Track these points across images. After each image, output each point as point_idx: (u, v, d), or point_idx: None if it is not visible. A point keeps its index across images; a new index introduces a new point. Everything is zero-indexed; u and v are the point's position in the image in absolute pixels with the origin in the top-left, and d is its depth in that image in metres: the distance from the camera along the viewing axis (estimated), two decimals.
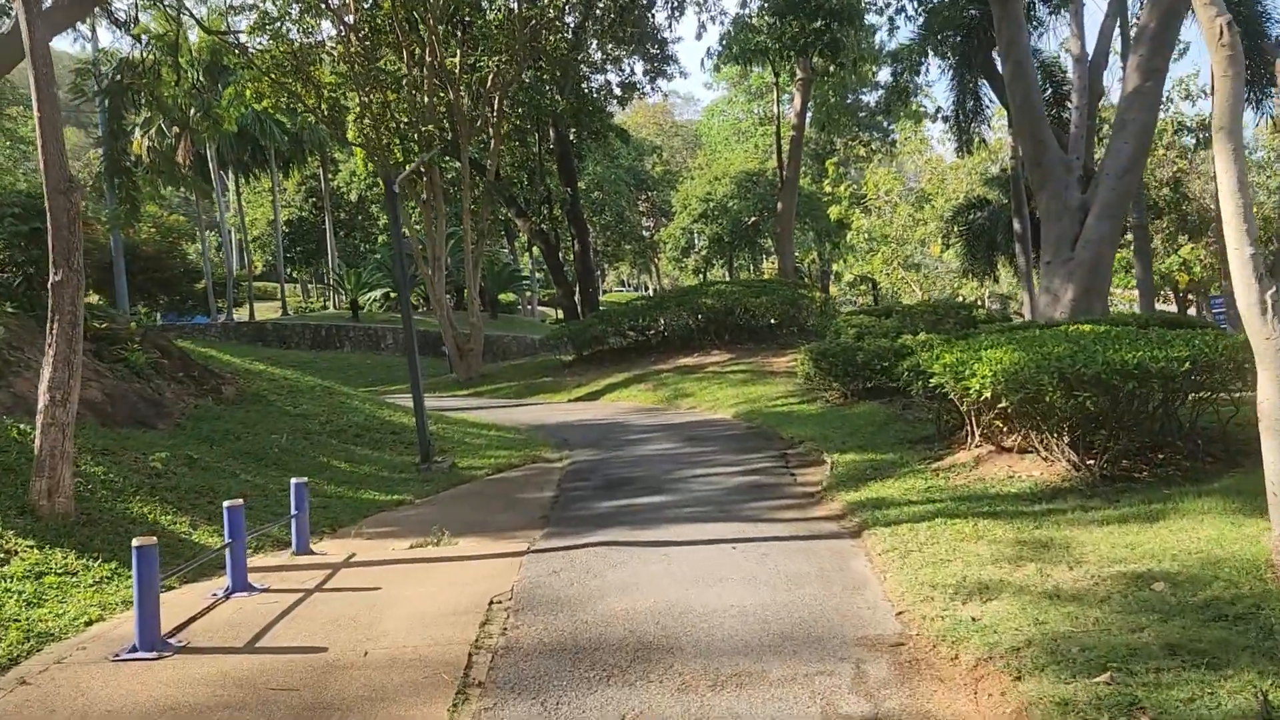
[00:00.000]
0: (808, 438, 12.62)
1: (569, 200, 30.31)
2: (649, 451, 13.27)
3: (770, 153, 58.65)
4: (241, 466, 10.93)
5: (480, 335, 26.87)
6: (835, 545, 7.45)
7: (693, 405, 18.55)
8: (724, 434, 14.41)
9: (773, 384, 18.78)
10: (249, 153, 45.70)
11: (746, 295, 23.79)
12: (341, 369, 36.75)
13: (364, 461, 12.64)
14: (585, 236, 32.18)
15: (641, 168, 64.33)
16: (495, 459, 13.37)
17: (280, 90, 27.98)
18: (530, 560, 7.58)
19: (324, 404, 14.76)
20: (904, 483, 9.11)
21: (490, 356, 41.76)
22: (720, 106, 64.54)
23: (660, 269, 77.12)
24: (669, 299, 25.19)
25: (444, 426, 15.56)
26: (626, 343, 26.39)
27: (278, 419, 13.32)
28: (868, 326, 17.20)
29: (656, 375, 22.07)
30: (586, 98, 29.40)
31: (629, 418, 17.54)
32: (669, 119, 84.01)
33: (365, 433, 13.97)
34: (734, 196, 52.08)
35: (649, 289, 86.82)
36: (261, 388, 14.46)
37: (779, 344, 23.41)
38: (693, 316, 24.31)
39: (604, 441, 14.58)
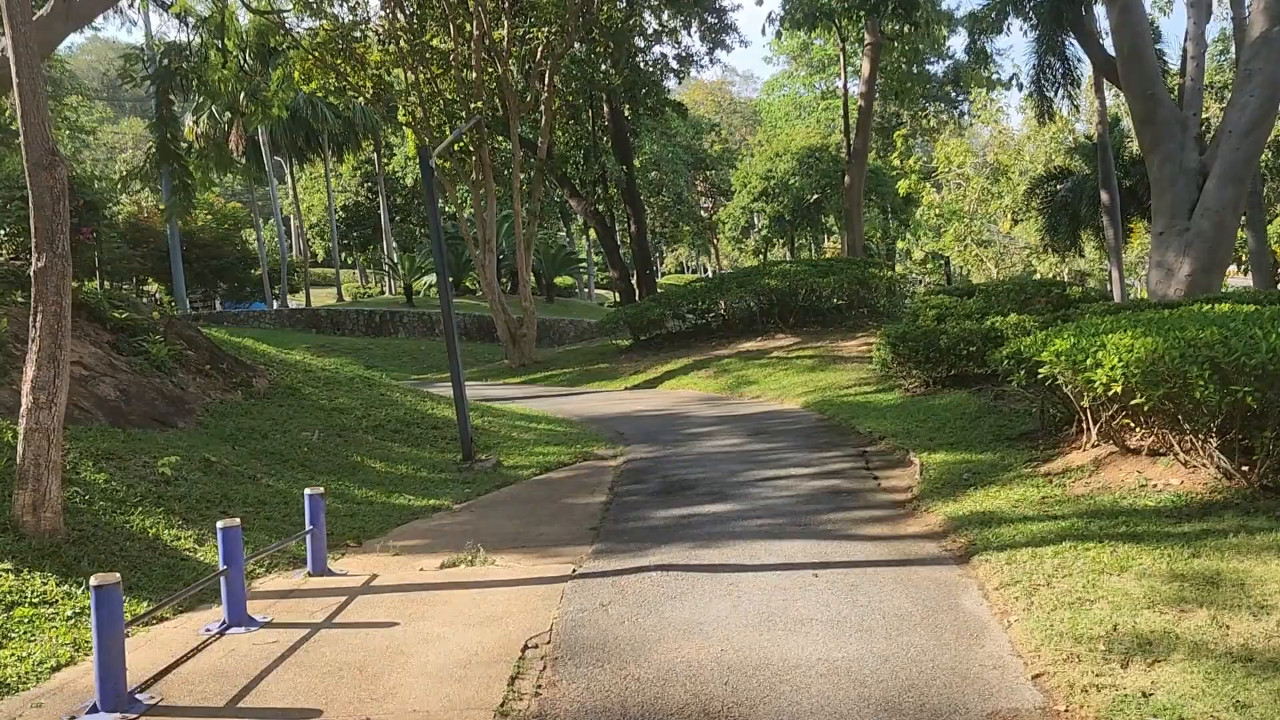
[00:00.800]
0: (889, 433, 11.30)
1: (624, 179, 29.10)
2: (711, 448, 12.06)
3: (833, 127, 56.75)
4: (265, 469, 9.99)
5: (533, 320, 25.88)
6: (939, 574, 6.18)
7: (757, 394, 17.29)
8: (793, 427, 13.14)
9: (843, 370, 17.42)
10: (303, 138, 45.24)
11: (812, 275, 22.39)
12: (395, 355, 36.14)
13: (401, 460, 11.65)
14: (641, 216, 30.96)
15: (699, 146, 62.80)
16: (543, 457, 12.29)
17: (328, 71, 27.25)
18: (574, 588, 6.45)
19: (362, 397, 13.82)
20: (1012, 491, 7.78)
21: (546, 341, 40.90)
22: (780, 81, 62.65)
23: (719, 250, 75.62)
24: (730, 280, 23.89)
25: (490, 420, 14.53)
26: (685, 326, 25.17)
27: (310, 414, 12.40)
28: (948, 307, 15.72)
29: (718, 361, 20.83)
30: (642, 72, 28.10)
31: (689, 408, 16.35)
32: (726, 96, 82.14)
33: (405, 428, 12.99)
34: (796, 173, 50.35)
35: (707, 271, 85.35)
36: (296, 380, 13.56)
37: (847, 327, 22.00)
38: (755, 298, 22.99)
39: (662, 436, 13.41)
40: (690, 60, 32.51)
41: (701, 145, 64.24)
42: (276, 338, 38.05)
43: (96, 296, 11.80)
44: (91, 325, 11.45)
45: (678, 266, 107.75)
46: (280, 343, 37.48)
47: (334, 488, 9.98)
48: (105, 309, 11.68)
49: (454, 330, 12.14)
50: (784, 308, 22.97)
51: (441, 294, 11.93)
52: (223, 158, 34.47)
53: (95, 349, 10.76)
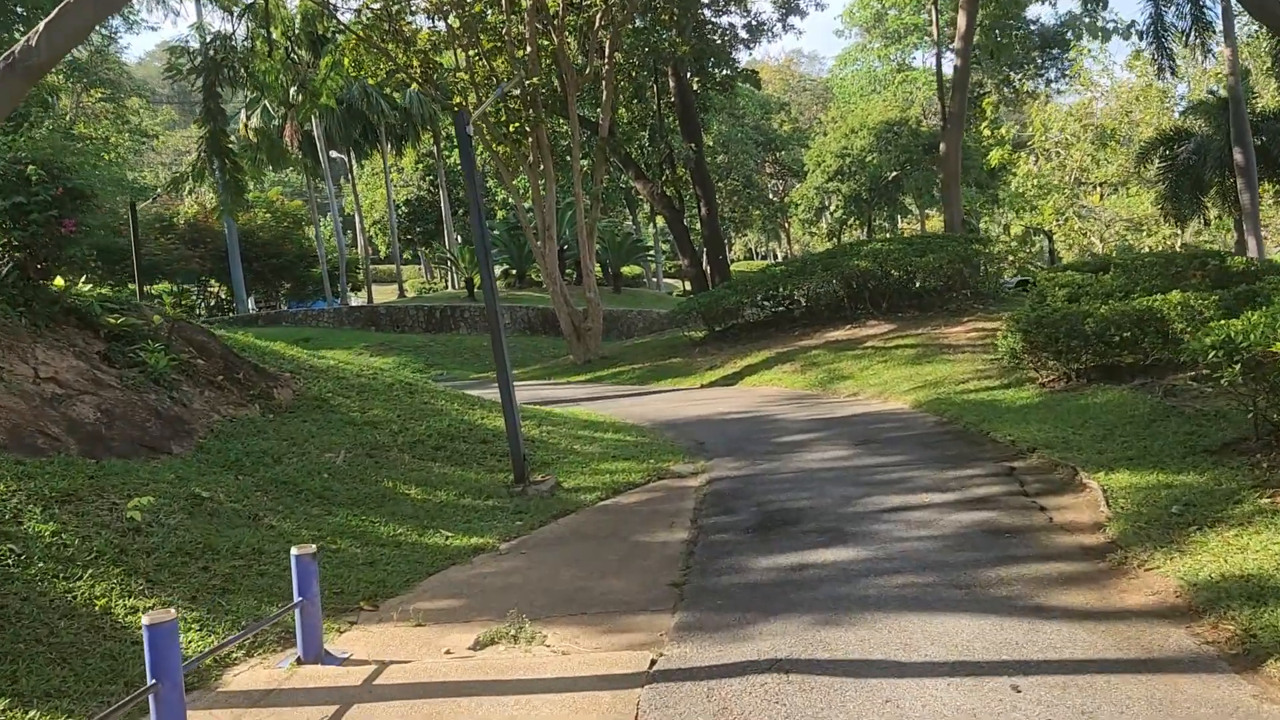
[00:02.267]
0: (1039, 443, 9.06)
1: (693, 158, 26.97)
2: (813, 462, 9.95)
3: (912, 100, 53.77)
4: (271, 503, 8.19)
5: (599, 312, 23.95)
6: (1218, 694, 4.01)
7: (854, 391, 15.07)
8: (909, 434, 10.94)
9: (954, 362, 15.11)
10: (360, 131, 44.02)
11: (908, 254, 20.03)
12: (456, 352, 34.65)
13: (442, 485, 9.77)
14: (713, 197, 28.81)
15: (768, 126, 60.27)
16: (610, 475, 10.32)
17: (378, 57, 25.68)
18: (653, 701, 4.44)
19: (401, 408, 12.00)
20: (1262, 535, 5.55)
21: (614, 334, 39.04)
22: (853, 55, 59.72)
23: (790, 234, 72.86)
24: (814, 262, 21.63)
25: (548, 431, 12.60)
26: (764, 315, 23.00)
27: (337, 430, 10.60)
28: (1081, 285, 13.34)
29: (804, 353, 18.64)
30: (709, 40, 25.92)
31: (777, 409, 14.23)
32: (795, 74, 79.18)
33: (448, 443, 11.12)
34: (873, 149, 47.63)
35: (777, 257, 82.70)
36: (325, 389, 11.79)
37: (949, 311, 19.60)
38: (843, 282, 20.71)
39: (749, 445, 11.34)
40: (761, 29, 30.19)
41: (770, 125, 61.71)
42: (333, 337, 36.89)
43: (87, 300, 10.15)
44: (81, 333, 9.80)
45: (746, 253, 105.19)
46: (338, 342, 36.28)
47: (355, 525, 8.16)
48: (97, 313, 10.03)
49: (500, 329, 10.23)
50: (875, 291, 20.66)
51: (485, 282, 10.04)
52: (274, 152, 33.27)
53: (78, 362, 9.07)
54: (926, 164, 47.05)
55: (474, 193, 10.02)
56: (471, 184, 10.07)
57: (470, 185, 10.09)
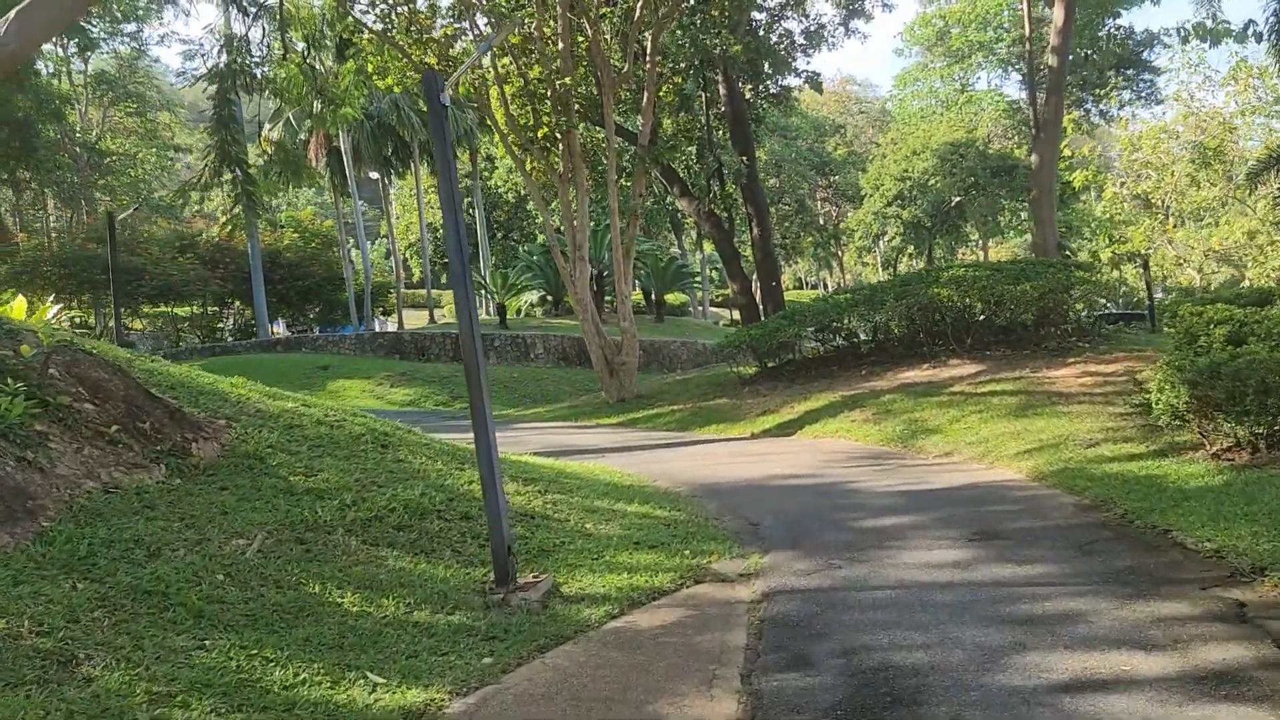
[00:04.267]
0: (1267, 557, 6.05)
1: (745, 172, 24.20)
2: (917, 570, 7.00)
3: (977, 122, 50.61)
4: (110, 634, 5.45)
5: (634, 344, 21.16)
6: None
7: (945, 450, 12.06)
8: (1043, 524, 7.94)
9: (1071, 415, 12.06)
10: (392, 148, 41.96)
11: (998, 282, 17.00)
12: None
13: (393, 586, 6.97)
14: (766, 218, 26.00)
15: (823, 148, 57.38)
16: (629, 574, 7.50)
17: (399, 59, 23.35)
18: None
19: (363, 468, 9.26)
20: None
21: (655, 366, 36.27)
22: (913, 74, 56.76)
23: (845, 263, 69.72)
24: (884, 290, 18.66)
25: (555, 500, 9.79)
26: (825, 350, 20.07)
27: (266, 502, 7.88)
28: (1245, 322, 10.26)
29: (875, 397, 15.66)
30: (764, 41, 23.21)
31: (849, 472, 11.28)
32: (850, 97, 76.23)
33: (416, 521, 8.32)
34: (936, 172, 44.55)
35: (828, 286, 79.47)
36: (265, 442, 9.09)
37: (1049, 350, 16.53)
38: (919, 314, 17.71)
39: (819, 530, 8.44)
40: (820, 36, 27.43)
41: (825, 148, 58.82)
42: (353, 365, 34.55)
43: None
44: None
45: (796, 282, 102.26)
46: (357, 371, 33.88)
47: (235, 668, 5.40)
48: None
49: (479, 363, 7.46)
50: (958, 325, 17.65)
51: (459, 299, 7.35)
52: (293, 166, 31.13)
53: None
54: (995, 188, 43.92)
55: (447, 176, 7.32)
56: (445, 165, 7.38)
57: (443, 167, 7.40)
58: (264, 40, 27.47)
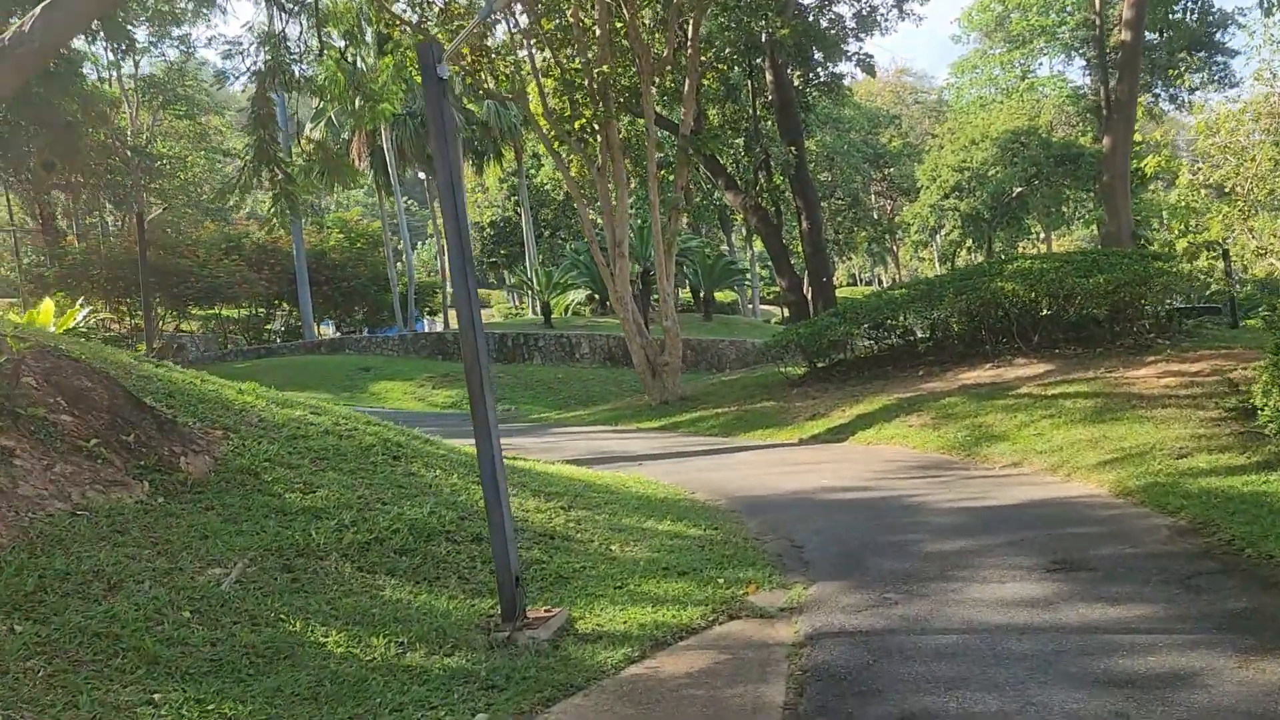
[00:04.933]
0: None
1: (793, 163, 23.15)
2: (988, 609, 6.01)
3: (1039, 109, 48.75)
4: (41, 688, 4.71)
5: (677, 344, 20.22)
6: None
7: (1014, 460, 10.96)
8: (1133, 551, 6.89)
9: (1157, 421, 10.88)
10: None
11: (1068, 274, 15.77)
12: (527, 385, 31.43)
13: (386, 622, 6.17)
14: (816, 211, 24.91)
15: (877, 141, 55.83)
16: (654, 607, 6.62)
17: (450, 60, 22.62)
18: None
19: (369, 483, 8.49)
20: None
21: (703, 365, 35.34)
22: (971, 61, 54.91)
23: (900, 258, 67.97)
24: (942, 285, 17.51)
25: (580, 516, 8.93)
26: (879, 349, 18.97)
27: (255, 523, 7.14)
28: None
29: (934, 400, 14.56)
30: (813, 25, 22.13)
31: (907, 485, 10.26)
32: (905, 87, 74.24)
33: (422, 544, 7.52)
34: (996, 162, 42.90)
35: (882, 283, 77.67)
36: (264, 455, 8.36)
37: (1125, 348, 15.27)
38: (981, 309, 16.55)
39: (872, 556, 7.46)
40: (873, 20, 26.21)
41: (879, 140, 57.24)
42: (395, 367, 34.09)
43: None
44: None
45: (849, 278, 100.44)
46: (399, 372, 33.40)
47: None
48: None
49: (483, 374, 6.63)
50: (1023, 322, 16.46)
51: (459, 301, 6.54)
52: (333, 165, 30.68)
53: None
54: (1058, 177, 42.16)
55: (445, 159, 6.50)
56: (442, 145, 6.56)
57: (440, 148, 6.59)
58: (301, 37, 27.05)
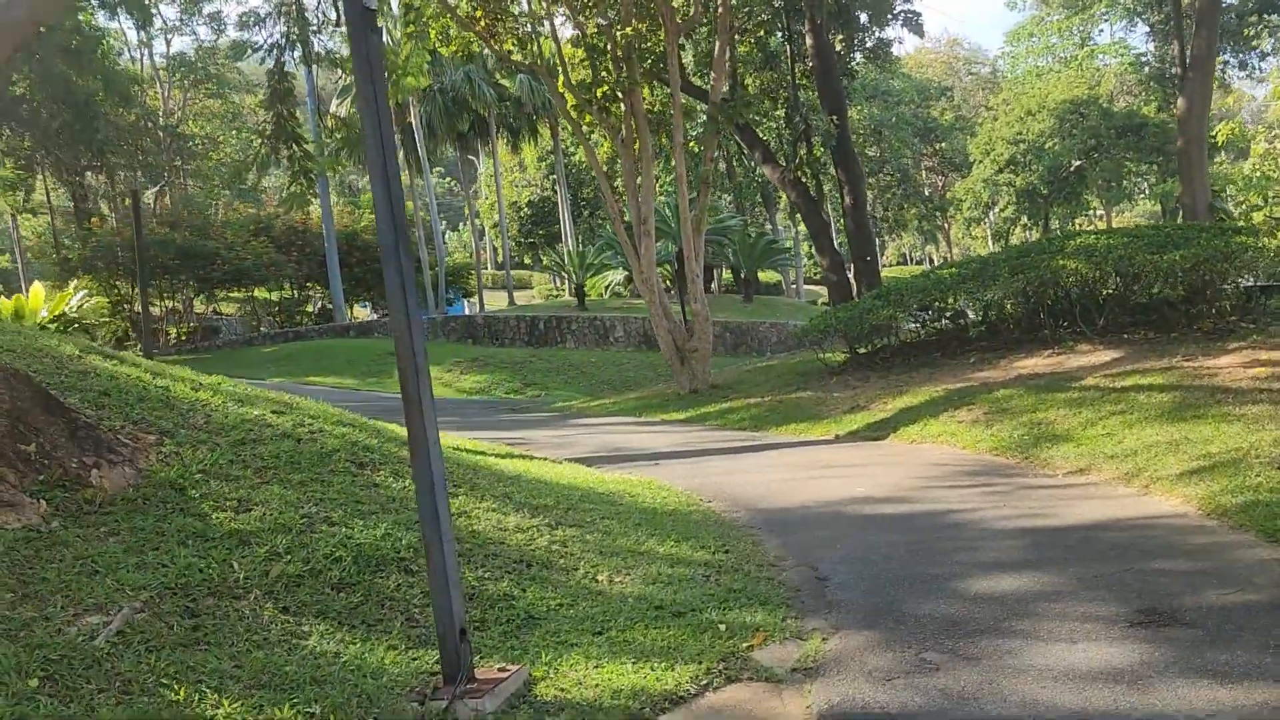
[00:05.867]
0: None
1: (835, 133, 21.62)
2: (1058, 686, 4.65)
3: (1099, 78, 46.33)
4: None
5: (706, 329, 18.86)
6: None
7: (1079, 465, 9.47)
8: (1245, 597, 5.47)
9: (1246, 418, 9.34)
10: (468, 123, 40.32)
11: (1139, 250, 14.15)
12: (559, 369, 30.30)
13: (300, 686, 4.95)
14: (859, 185, 23.32)
15: (927, 114, 53.61)
16: (633, 667, 5.35)
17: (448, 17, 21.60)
18: None
19: (316, 498, 7.30)
20: None
21: (743, 348, 34.01)
22: (1027, 29, 52.41)
23: (951, 236, 65.66)
24: (996, 264, 15.95)
25: (569, 535, 7.68)
26: (926, 334, 17.48)
27: (163, 553, 5.98)
28: None
29: (986, 392, 13.07)
30: None
31: (955, 498, 8.85)
32: (958, 58, 71.52)
33: (366, 575, 6.32)
34: (1054, 134, 40.73)
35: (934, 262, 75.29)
36: (200, 463, 7.20)
37: (1202, 332, 13.64)
38: (1042, 290, 14.98)
39: (910, 599, 6.11)
40: None
41: (930, 113, 55.01)
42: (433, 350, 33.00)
43: None
44: None
45: (900, 257, 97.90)
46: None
47: None
48: None
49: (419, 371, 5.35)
50: (1085, 303, 14.87)
51: (390, 284, 5.24)
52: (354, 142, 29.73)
53: None
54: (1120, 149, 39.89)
55: (373, 111, 5.22)
56: (370, 95, 5.28)
57: (368, 98, 5.30)
58: (319, 7, 25.94)
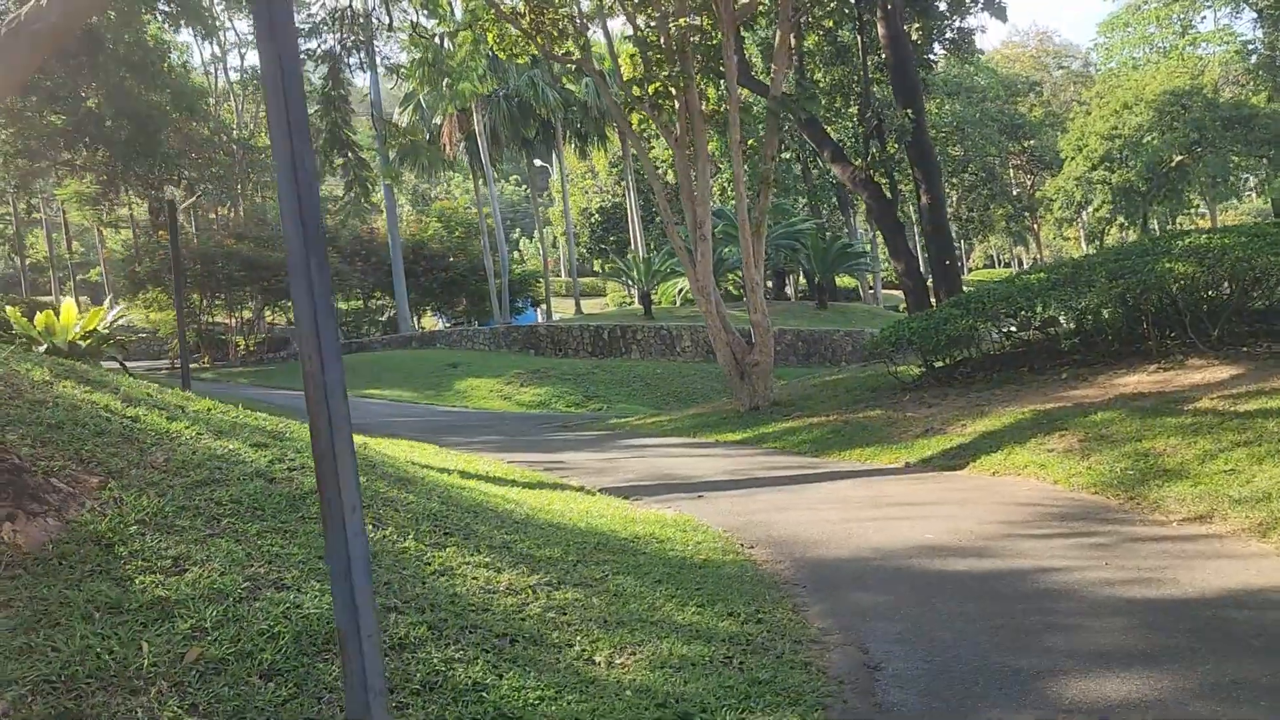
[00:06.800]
0: None
1: (910, 128, 20.02)
2: None
3: (1203, 67, 43.35)
4: None
5: (768, 341, 17.43)
6: None
7: (1198, 510, 7.86)
8: None
9: None
10: (535, 130, 39.54)
11: (1261, 251, 12.34)
12: (624, 381, 29.16)
13: None
14: (937, 181, 21.63)
15: (1014, 110, 51.02)
16: None
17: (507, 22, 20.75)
18: None
19: (270, 553, 6.18)
20: None
21: (815, 358, 32.44)
22: (1123, 18, 49.49)
23: (1041, 238, 62.68)
24: (1091, 267, 14.21)
25: (567, 601, 6.44)
26: (1010, 346, 15.81)
27: (57, 632, 4.91)
28: None
29: (1081, 414, 11.42)
30: None
31: (1044, 553, 7.35)
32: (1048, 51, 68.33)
33: (304, 659, 5.14)
34: (1152, 128, 38.10)
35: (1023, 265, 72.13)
36: (142, 511, 6.15)
37: None
38: (1145, 296, 13.24)
39: (988, 706, 4.70)
40: None
41: (1017, 109, 52.39)
42: (485, 362, 32.33)
43: None
44: None
45: (986, 260, 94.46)
46: (487, 368, 31.58)
47: None
48: None
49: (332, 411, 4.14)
50: (1196, 311, 13.08)
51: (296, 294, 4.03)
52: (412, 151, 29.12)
53: None
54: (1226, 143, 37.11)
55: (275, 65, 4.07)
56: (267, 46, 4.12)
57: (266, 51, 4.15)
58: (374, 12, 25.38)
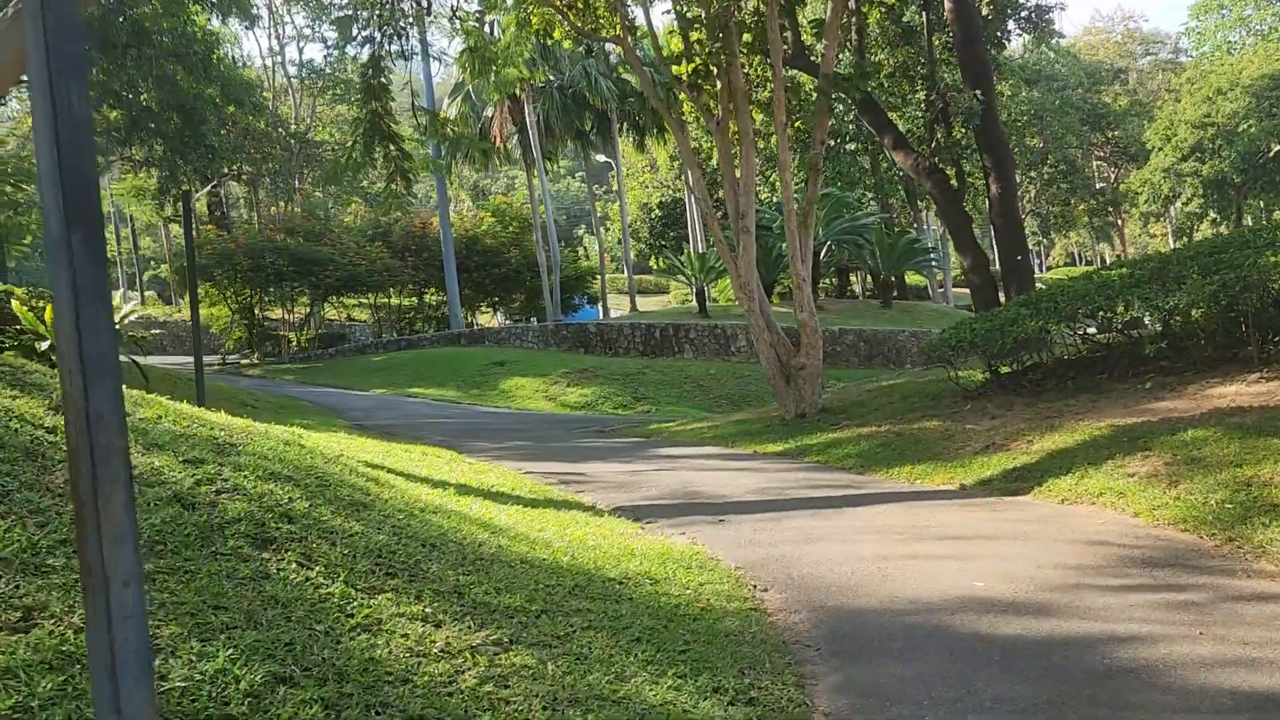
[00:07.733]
0: None
1: (979, 112, 18.41)
2: None
3: None
4: None
5: (816, 343, 16.02)
6: None
7: None
8: None
9: None
10: (591, 123, 38.51)
11: None
12: (675, 382, 27.95)
13: None
14: (1008, 172, 19.91)
15: (1097, 99, 48.35)
16: None
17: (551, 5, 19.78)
18: None
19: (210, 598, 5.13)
20: None
21: (880, 360, 30.82)
22: (1217, 1, 46.50)
23: (1126, 234, 59.62)
24: (1181, 261, 12.57)
25: (513, 667, 5.25)
26: (1085, 351, 14.18)
27: None
28: None
29: (1168, 432, 9.85)
30: None
31: (1122, 612, 5.94)
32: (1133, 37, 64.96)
33: None
34: (1249, 115, 35.46)
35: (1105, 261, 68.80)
36: (9, 548, 5.16)
37: None
38: (1244, 294, 11.57)
39: None
40: None
41: (1100, 98, 49.68)
42: (532, 360, 31.38)
43: None
44: None
45: (1067, 258, 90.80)
46: (534, 367, 30.59)
47: None
48: None
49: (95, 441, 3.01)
50: None
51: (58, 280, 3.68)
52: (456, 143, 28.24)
53: None
54: None
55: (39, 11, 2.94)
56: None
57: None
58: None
